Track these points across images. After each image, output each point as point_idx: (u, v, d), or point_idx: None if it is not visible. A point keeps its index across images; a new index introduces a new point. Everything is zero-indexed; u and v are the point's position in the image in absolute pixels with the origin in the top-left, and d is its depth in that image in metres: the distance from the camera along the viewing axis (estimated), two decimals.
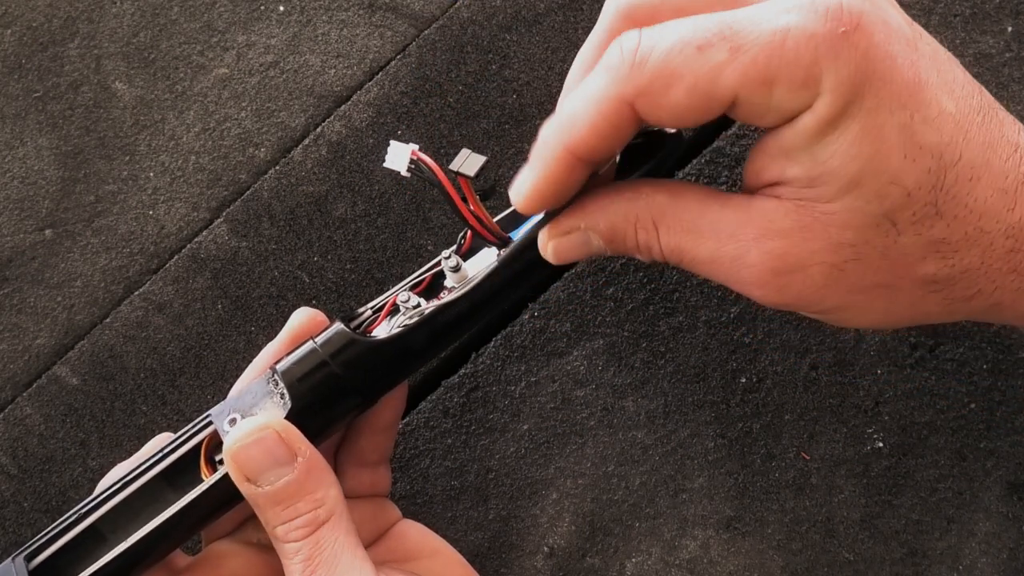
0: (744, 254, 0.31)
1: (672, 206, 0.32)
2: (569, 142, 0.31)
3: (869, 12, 0.28)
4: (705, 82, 0.29)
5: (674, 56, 0.29)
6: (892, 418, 0.42)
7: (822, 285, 0.31)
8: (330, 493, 0.35)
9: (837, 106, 0.28)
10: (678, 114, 0.30)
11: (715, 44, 0.28)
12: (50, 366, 0.46)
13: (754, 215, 0.31)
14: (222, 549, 0.39)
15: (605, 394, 0.44)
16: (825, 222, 0.30)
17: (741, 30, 0.28)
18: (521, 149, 0.47)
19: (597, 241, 0.34)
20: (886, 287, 0.31)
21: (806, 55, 0.28)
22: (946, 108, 0.29)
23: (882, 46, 0.28)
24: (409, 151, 0.36)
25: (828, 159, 0.29)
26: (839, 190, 0.29)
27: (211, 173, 0.48)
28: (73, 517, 0.37)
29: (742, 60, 0.28)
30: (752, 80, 0.28)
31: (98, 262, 0.47)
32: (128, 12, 0.50)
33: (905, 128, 0.29)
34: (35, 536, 0.37)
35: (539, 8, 0.48)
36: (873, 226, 0.30)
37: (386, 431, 0.40)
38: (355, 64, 0.48)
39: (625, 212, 0.33)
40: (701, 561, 0.42)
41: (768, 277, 0.31)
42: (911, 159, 0.29)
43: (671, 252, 0.33)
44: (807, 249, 0.30)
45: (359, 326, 0.38)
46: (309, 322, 0.39)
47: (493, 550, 0.43)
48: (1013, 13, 0.45)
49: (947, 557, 0.41)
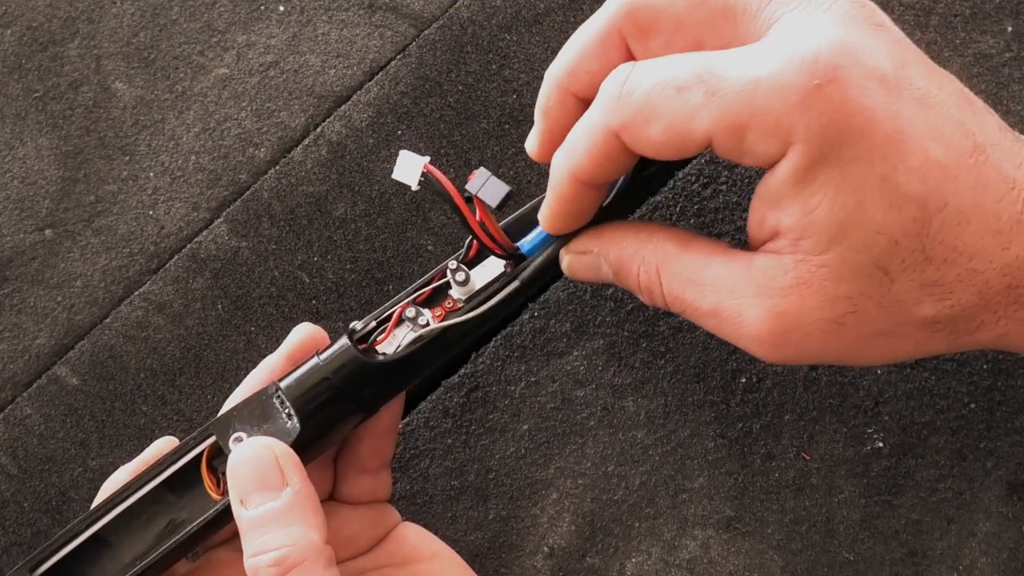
0: (744, 311, 0.32)
1: (678, 255, 0.33)
2: (572, 168, 0.33)
3: (848, 64, 0.29)
4: (680, 122, 0.30)
5: (655, 95, 0.30)
6: (892, 418, 0.42)
7: (821, 341, 0.31)
8: (309, 535, 0.33)
9: (811, 156, 0.29)
10: (657, 148, 0.31)
11: (692, 87, 0.29)
12: (50, 366, 0.46)
13: (755, 272, 0.32)
14: (220, 557, 0.39)
15: (605, 394, 0.44)
16: (820, 276, 0.30)
17: (719, 75, 0.29)
18: (521, 149, 0.47)
19: (606, 269, 0.36)
20: (887, 334, 0.32)
21: (777, 106, 0.28)
22: (932, 155, 0.29)
23: (858, 99, 0.29)
24: (422, 164, 0.35)
25: (814, 209, 0.30)
26: (828, 241, 0.30)
27: (211, 173, 0.48)
28: (77, 528, 0.37)
29: (716, 104, 0.29)
30: (724, 126, 0.29)
31: (98, 262, 0.47)
32: (128, 12, 0.50)
33: (887, 179, 0.29)
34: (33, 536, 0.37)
35: (539, 8, 0.48)
36: (866, 276, 0.30)
37: (386, 435, 0.40)
38: (355, 64, 0.48)
39: (634, 251, 0.34)
40: (701, 561, 0.42)
41: (767, 336, 0.32)
42: (896, 208, 0.29)
43: (672, 300, 0.34)
44: (805, 307, 0.31)
45: (363, 339, 0.38)
46: (310, 339, 0.39)
47: (493, 550, 0.43)
48: (1013, 13, 0.45)
49: (947, 557, 0.41)
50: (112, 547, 0.37)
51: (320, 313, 0.46)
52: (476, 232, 0.36)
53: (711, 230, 0.44)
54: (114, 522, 0.37)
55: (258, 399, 0.37)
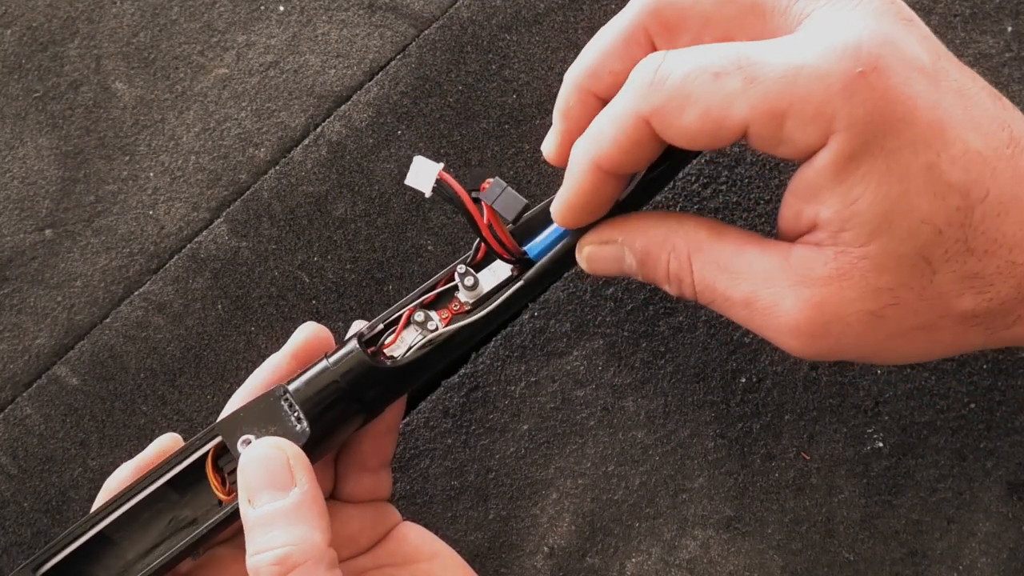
0: (780, 301, 0.31)
1: (710, 243, 0.33)
2: (596, 156, 0.32)
3: (889, 54, 0.28)
4: (718, 108, 0.29)
5: (691, 80, 0.29)
6: (892, 418, 0.42)
7: (861, 333, 0.31)
8: (313, 536, 0.33)
9: (854, 145, 0.28)
10: (691, 136, 0.30)
11: (731, 73, 0.29)
12: (50, 366, 0.46)
13: (792, 261, 0.31)
14: (222, 554, 0.39)
15: (605, 394, 0.44)
16: (863, 268, 0.30)
17: (758, 62, 0.29)
18: (521, 149, 0.47)
19: (630, 260, 0.34)
20: (926, 328, 0.31)
21: (818, 93, 0.28)
22: (972, 145, 0.29)
23: (901, 87, 0.28)
24: (436, 172, 0.35)
25: (856, 200, 0.29)
26: (871, 232, 0.29)
27: (211, 173, 0.48)
28: (81, 528, 0.37)
29: (755, 91, 0.29)
30: (763, 112, 0.29)
31: (98, 262, 0.47)
32: (128, 12, 0.50)
33: (932, 168, 0.29)
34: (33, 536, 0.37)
35: (539, 8, 0.48)
36: (908, 267, 0.30)
37: (387, 434, 0.40)
38: (355, 64, 0.48)
39: (663, 238, 0.33)
40: (701, 561, 0.42)
41: (805, 326, 0.31)
42: (940, 197, 0.29)
43: (703, 288, 0.33)
44: (846, 297, 0.30)
45: (371, 342, 0.38)
46: (314, 339, 0.39)
47: (493, 550, 0.43)
48: (1013, 13, 0.45)
49: (947, 557, 0.41)
50: (115, 545, 0.37)
51: (320, 313, 0.46)
52: (487, 238, 0.36)
53: None
54: (117, 520, 0.37)
55: (265, 401, 0.37)
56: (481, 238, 0.36)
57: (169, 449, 0.38)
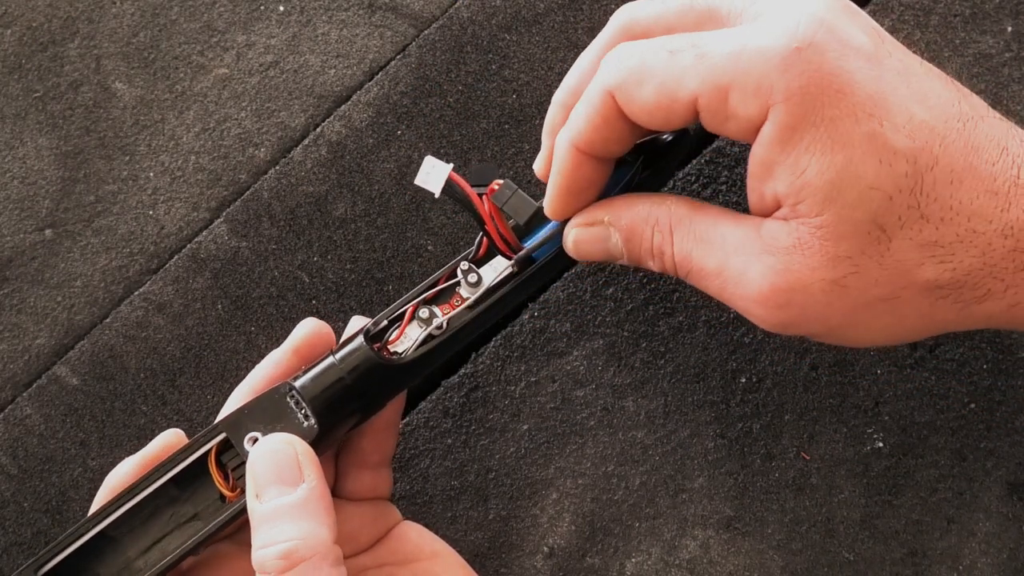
0: (747, 269, 0.33)
1: (690, 216, 0.35)
2: (573, 137, 0.34)
3: (825, 32, 0.30)
4: (671, 81, 0.32)
5: (649, 57, 0.32)
6: (892, 418, 0.42)
7: (824, 303, 0.32)
8: (319, 532, 0.33)
9: (794, 116, 0.30)
10: (648, 110, 0.33)
11: (685, 50, 0.32)
12: (50, 366, 0.46)
13: (762, 232, 0.33)
14: (224, 551, 0.39)
15: (605, 394, 0.44)
16: (820, 236, 0.31)
17: (710, 42, 0.32)
18: (521, 149, 0.47)
19: (616, 239, 0.36)
20: (890, 300, 0.32)
21: (758, 67, 0.30)
22: (917, 116, 0.30)
23: (837, 61, 0.30)
24: (446, 172, 0.36)
25: (804, 170, 0.31)
26: (823, 201, 0.31)
27: (211, 173, 0.48)
28: (84, 527, 0.37)
29: (704, 65, 0.31)
30: (710, 85, 0.31)
31: (98, 262, 0.47)
32: (128, 12, 0.50)
33: (874, 135, 0.30)
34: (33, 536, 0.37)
35: (539, 8, 0.48)
36: (864, 234, 0.31)
37: (387, 431, 0.40)
38: (355, 64, 0.48)
39: (647, 214, 0.35)
40: (701, 561, 0.42)
41: (769, 294, 0.32)
42: (887, 163, 0.30)
43: (681, 259, 0.35)
44: (807, 265, 0.31)
45: (376, 338, 0.38)
46: (316, 335, 0.39)
47: (493, 550, 0.43)
48: (1013, 13, 0.45)
49: (947, 557, 0.41)
50: (115, 542, 0.37)
51: (320, 313, 0.46)
52: (492, 236, 0.37)
53: None
54: (118, 517, 0.37)
55: (270, 398, 0.37)
56: (487, 236, 0.37)
57: (172, 444, 0.38)
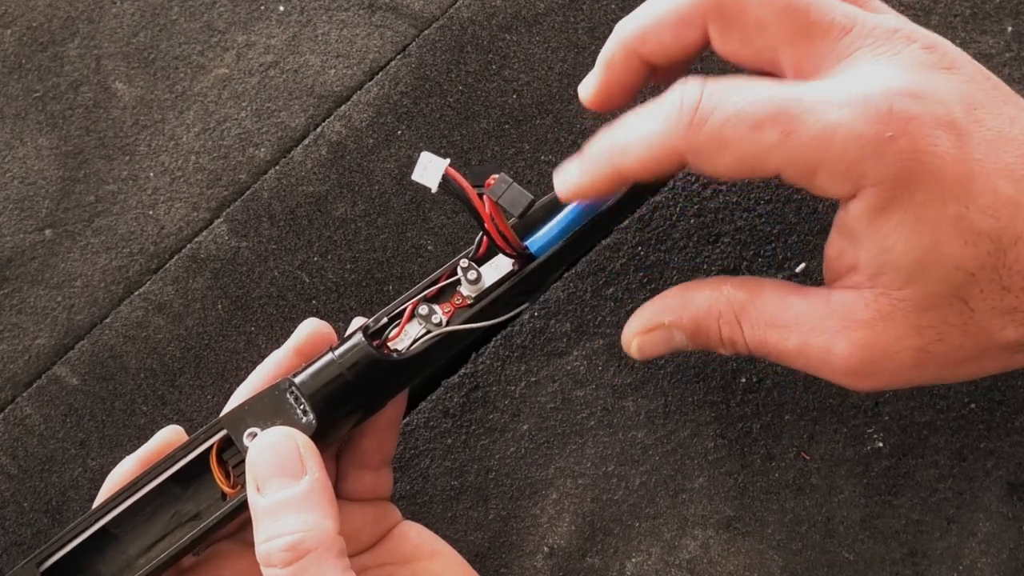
0: (831, 347, 0.32)
1: (753, 302, 0.34)
2: (617, 164, 0.33)
3: (919, 116, 0.30)
4: (753, 157, 0.31)
5: (729, 128, 0.31)
6: (892, 418, 0.42)
7: (912, 367, 0.32)
8: (323, 524, 0.33)
9: (883, 199, 0.30)
10: (723, 173, 0.32)
11: (768, 126, 0.30)
12: (50, 366, 0.46)
13: (835, 307, 0.32)
14: (225, 550, 0.39)
15: (605, 394, 0.44)
16: (903, 308, 0.31)
17: (796, 116, 0.30)
18: (521, 149, 0.47)
19: (680, 337, 0.36)
20: (973, 359, 0.33)
21: (850, 153, 0.30)
22: (1003, 192, 0.30)
23: (928, 148, 0.30)
24: (443, 167, 0.36)
25: (891, 248, 0.31)
26: (907, 277, 0.31)
27: (211, 173, 0.48)
28: (85, 523, 0.37)
29: (791, 145, 0.30)
30: (796, 165, 0.31)
31: (98, 262, 0.47)
32: (128, 12, 0.50)
33: (960, 218, 0.30)
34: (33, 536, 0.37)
35: (539, 8, 0.48)
36: (947, 306, 0.31)
37: (388, 431, 0.40)
38: (355, 64, 0.48)
39: (708, 307, 0.35)
40: (701, 561, 0.42)
41: (858, 367, 0.32)
42: (970, 245, 0.30)
43: (756, 346, 0.35)
44: (892, 336, 0.32)
45: (375, 335, 0.38)
46: (317, 334, 0.39)
47: (493, 550, 0.43)
48: (1013, 13, 0.45)
49: (947, 557, 0.41)
50: (118, 539, 0.37)
51: (320, 313, 0.46)
52: (491, 233, 0.37)
53: (711, 230, 0.44)
54: (120, 515, 0.37)
55: (270, 394, 0.37)
56: (486, 233, 0.37)
57: (172, 442, 0.38)
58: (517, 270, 0.38)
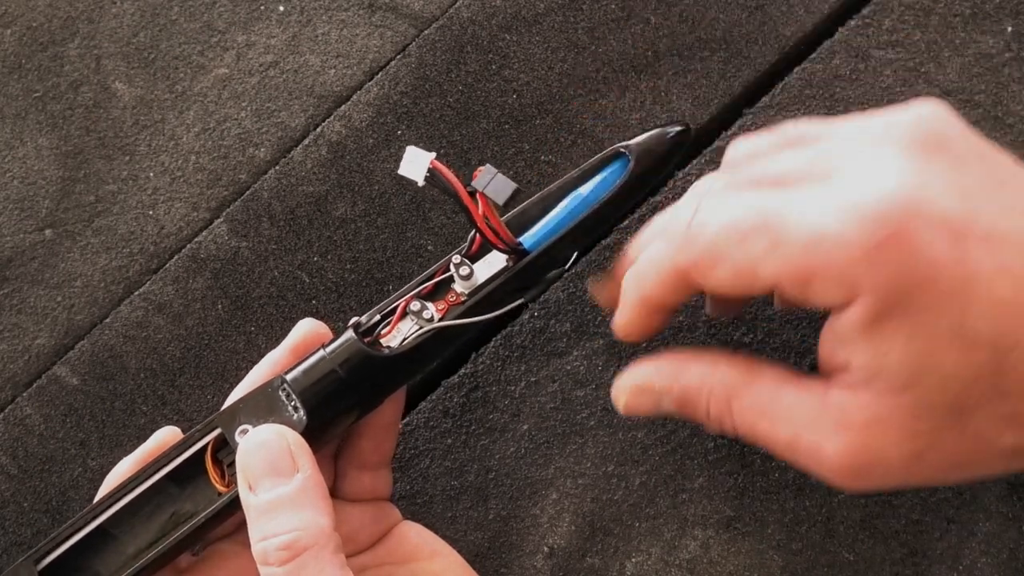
0: (822, 445, 0.32)
1: (747, 385, 0.34)
2: (643, 294, 0.35)
3: (910, 218, 0.29)
4: (746, 268, 0.31)
5: (720, 241, 0.31)
6: None
7: (904, 471, 0.32)
8: (319, 521, 0.33)
9: (878, 307, 0.29)
10: (725, 288, 0.32)
11: (757, 236, 0.30)
12: (50, 366, 0.46)
13: (830, 406, 0.32)
14: (223, 550, 0.39)
15: (605, 394, 0.44)
16: (898, 414, 0.31)
17: (783, 224, 0.30)
18: (521, 149, 0.47)
19: (668, 404, 0.36)
20: (968, 465, 0.32)
21: (841, 261, 0.29)
22: (1001, 296, 0.29)
23: (923, 252, 0.29)
24: (428, 160, 0.35)
25: (885, 355, 0.30)
26: (902, 385, 0.30)
27: (211, 173, 0.48)
28: (82, 520, 0.37)
29: (780, 255, 0.30)
30: (788, 275, 0.30)
31: (98, 262, 0.47)
32: (128, 12, 0.50)
33: (957, 326, 0.29)
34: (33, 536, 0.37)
35: (539, 8, 0.48)
36: (942, 414, 0.30)
37: (387, 431, 0.40)
38: (355, 64, 0.48)
39: (699, 382, 0.35)
40: (701, 561, 0.42)
41: (848, 469, 0.32)
42: (967, 352, 0.29)
43: (745, 430, 0.34)
44: (886, 441, 0.31)
45: (367, 332, 0.38)
46: (314, 334, 0.39)
47: (493, 550, 0.43)
48: (1013, 13, 0.45)
49: (947, 557, 0.41)
50: (116, 539, 0.37)
51: (320, 313, 0.46)
52: (481, 228, 0.36)
53: None
54: (118, 514, 0.37)
55: (263, 392, 0.37)
56: (475, 227, 0.36)
57: (168, 442, 0.38)
58: (511, 266, 0.38)
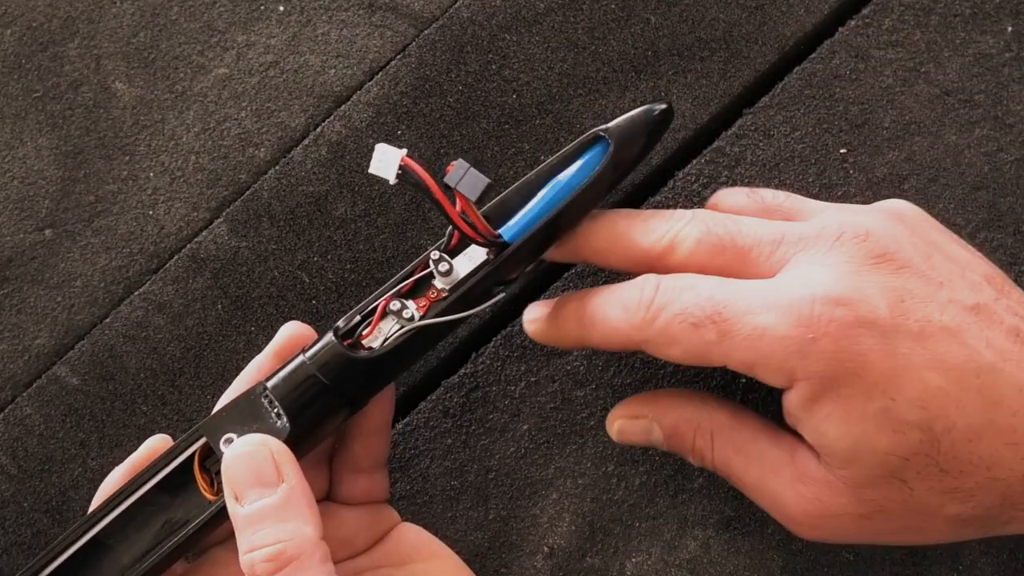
0: (783, 492, 0.35)
1: (731, 426, 0.37)
2: (582, 335, 0.37)
3: (839, 318, 0.32)
4: (698, 352, 0.34)
5: (675, 326, 0.34)
6: None
7: (853, 530, 0.34)
8: (304, 530, 0.33)
9: (813, 392, 0.33)
10: (677, 361, 0.35)
11: (706, 326, 0.33)
12: (50, 366, 0.46)
13: (796, 459, 0.35)
14: (218, 557, 0.39)
15: (605, 394, 0.44)
16: (844, 481, 0.33)
17: (730, 317, 0.33)
18: (521, 149, 0.47)
19: (658, 434, 0.39)
20: (916, 529, 0.34)
21: (778, 354, 0.33)
22: (931, 383, 0.32)
23: (850, 348, 0.32)
24: (399, 157, 0.35)
25: (824, 434, 0.33)
26: (842, 461, 0.33)
27: (211, 173, 0.48)
28: (76, 532, 0.36)
29: (727, 345, 0.33)
30: (735, 361, 0.34)
31: (98, 262, 0.47)
32: (128, 12, 0.50)
33: (887, 411, 0.32)
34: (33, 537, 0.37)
35: (539, 8, 0.48)
36: (885, 484, 0.33)
37: (378, 434, 0.40)
38: (355, 64, 0.48)
39: (690, 417, 0.38)
40: (701, 561, 0.42)
41: (802, 519, 0.35)
42: (900, 433, 0.32)
43: (721, 464, 0.37)
44: (836, 501, 0.34)
45: (348, 334, 0.38)
46: (298, 337, 0.39)
47: (493, 550, 0.43)
48: (1013, 13, 0.45)
49: (947, 557, 0.41)
50: (110, 550, 0.37)
51: (320, 313, 0.46)
52: (457, 223, 0.36)
53: None
54: (110, 525, 0.36)
55: (246, 399, 0.37)
56: (450, 222, 0.36)
57: (159, 450, 0.38)
58: (492, 259, 0.37)
